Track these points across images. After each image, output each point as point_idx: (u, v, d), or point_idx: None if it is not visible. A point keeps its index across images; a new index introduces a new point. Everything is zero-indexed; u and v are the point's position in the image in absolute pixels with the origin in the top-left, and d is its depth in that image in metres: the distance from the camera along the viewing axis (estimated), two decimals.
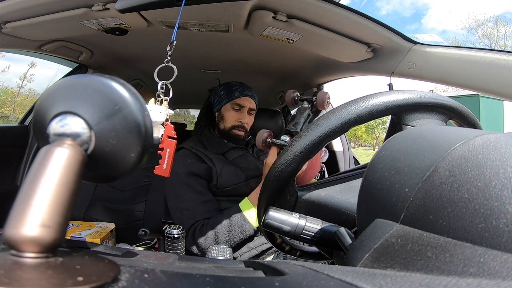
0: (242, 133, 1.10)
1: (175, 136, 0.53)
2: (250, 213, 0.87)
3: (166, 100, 0.53)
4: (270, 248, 0.94)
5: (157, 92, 0.53)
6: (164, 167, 0.53)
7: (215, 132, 1.14)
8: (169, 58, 0.54)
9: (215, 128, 1.15)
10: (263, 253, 0.94)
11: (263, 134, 0.72)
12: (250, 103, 1.10)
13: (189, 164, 1.00)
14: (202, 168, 1.00)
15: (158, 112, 0.51)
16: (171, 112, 0.53)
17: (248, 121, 1.11)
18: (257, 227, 0.85)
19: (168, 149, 0.52)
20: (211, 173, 1.00)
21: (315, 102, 0.72)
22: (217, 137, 1.12)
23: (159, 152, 0.53)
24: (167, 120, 0.53)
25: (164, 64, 0.54)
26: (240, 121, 1.08)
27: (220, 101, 1.10)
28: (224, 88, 1.10)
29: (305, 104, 0.73)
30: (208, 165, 1.01)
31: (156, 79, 0.53)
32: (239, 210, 0.87)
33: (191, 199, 0.95)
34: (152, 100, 0.53)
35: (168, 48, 0.54)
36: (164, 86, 0.53)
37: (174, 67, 0.54)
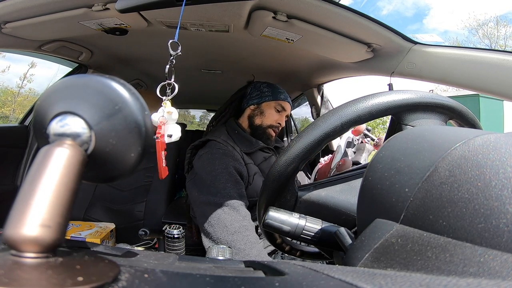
0: (274, 134, 1.10)
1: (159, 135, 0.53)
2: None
3: (164, 99, 0.54)
4: (275, 251, 0.93)
5: (167, 93, 0.53)
6: (164, 165, 0.52)
7: (244, 126, 1.10)
8: (173, 60, 0.54)
9: (239, 119, 1.13)
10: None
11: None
12: (289, 110, 1.12)
13: (237, 161, 0.95)
14: (244, 172, 0.95)
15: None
16: (169, 110, 0.53)
17: (283, 125, 1.12)
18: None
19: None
20: (244, 181, 0.95)
21: (375, 141, 0.90)
22: (246, 134, 1.07)
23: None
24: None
25: (169, 65, 0.55)
26: (278, 123, 1.09)
27: (262, 96, 1.08)
28: (269, 86, 1.11)
29: (368, 141, 0.91)
30: (243, 171, 0.95)
31: (168, 79, 0.53)
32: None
33: (236, 196, 0.88)
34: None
35: (172, 51, 0.54)
36: (167, 86, 0.54)
37: (173, 69, 0.54)
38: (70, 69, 1.39)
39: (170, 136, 0.53)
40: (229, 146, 0.98)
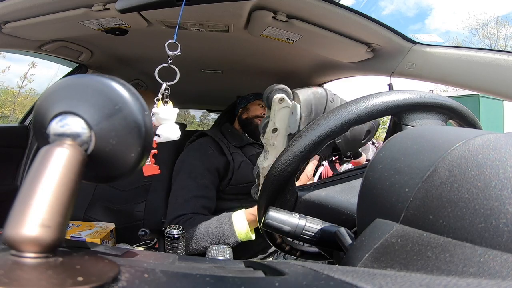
0: None
1: None
2: (241, 226, 0.83)
3: (157, 100, 0.54)
4: (275, 251, 0.94)
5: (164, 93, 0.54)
6: (149, 163, 0.52)
7: (236, 127, 1.23)
8: (170, 60, 0.54)
9: (233, 124, 1.25)
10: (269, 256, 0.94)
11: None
12: None
13: (211, 154, 1.03)
14: (222, 162, 1.02)
15: None
16: (156, 111, 0.53)
17: None
18: (242, 240, 0.83)
19: None
20: (228, 168, 1.02)
21: (375, 144, 0.92)
22: (238, 131, 1.19)
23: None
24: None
25: (165, 64, 0.55)
26: (263, 114, 1.17)
27: (248, 100, 1.24)
28: (253, 94, 1.27)
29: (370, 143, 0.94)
30: (227, 159, 1.03)
31: (158, 79, 0.53)
32: (230, 221, 0.84)
33: (192, 189, 0.95)
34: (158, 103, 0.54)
35: (169, 51, 0.54)
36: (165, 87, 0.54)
37: (176, 69, 0.54)
38: (70, 69, 1.38)
39: (158, 136, 0.53)
40: (217, 138, 1.08)
